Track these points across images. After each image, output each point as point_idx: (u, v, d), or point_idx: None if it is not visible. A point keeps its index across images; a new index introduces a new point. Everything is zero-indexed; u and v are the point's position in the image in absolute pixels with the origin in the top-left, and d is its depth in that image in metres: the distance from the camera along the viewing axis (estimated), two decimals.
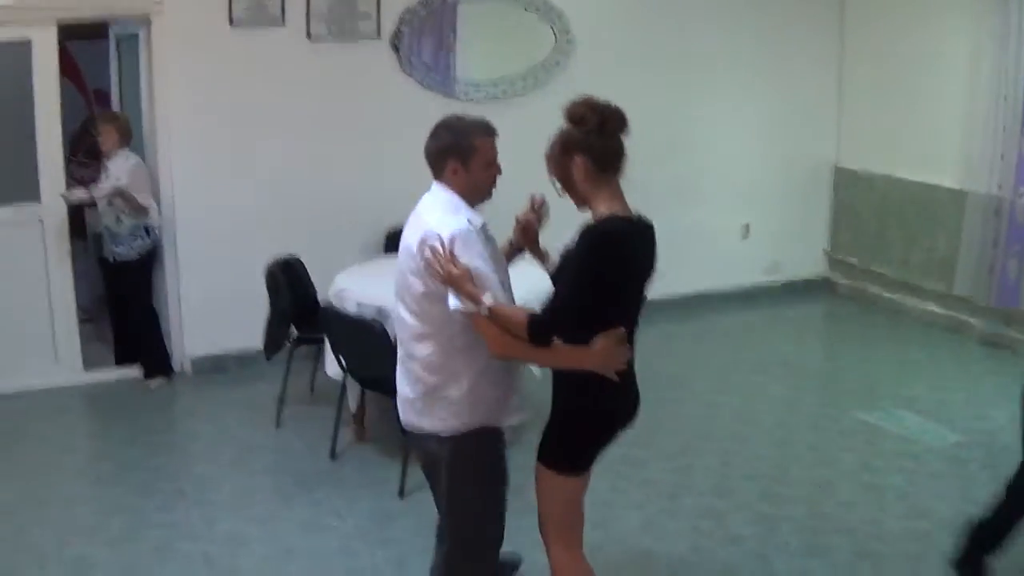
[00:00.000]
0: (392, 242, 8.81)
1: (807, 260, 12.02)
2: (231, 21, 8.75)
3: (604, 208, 4.50)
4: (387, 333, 6.75)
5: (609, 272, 4.40)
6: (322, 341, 7.56)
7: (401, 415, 4.89)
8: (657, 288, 4.92)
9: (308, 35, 9.06)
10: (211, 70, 8.79)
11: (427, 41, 9.55)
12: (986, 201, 9.80)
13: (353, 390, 7.45)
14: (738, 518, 6.71)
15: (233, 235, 8.99)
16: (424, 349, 4.65)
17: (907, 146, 10.91)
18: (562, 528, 4.81)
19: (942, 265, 10.41)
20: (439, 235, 4.47)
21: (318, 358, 8.10)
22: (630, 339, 4.61)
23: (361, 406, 7.61)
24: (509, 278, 4.82)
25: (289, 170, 9.12)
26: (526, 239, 5.03)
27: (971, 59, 10.05)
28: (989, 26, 9.73)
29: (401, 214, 8.87)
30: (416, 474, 6.76)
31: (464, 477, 4.80)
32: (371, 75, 9.36)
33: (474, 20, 9.70)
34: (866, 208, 11.52)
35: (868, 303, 11.45)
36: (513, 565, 5.88)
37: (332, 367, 7.39)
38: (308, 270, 8.32)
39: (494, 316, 4.39)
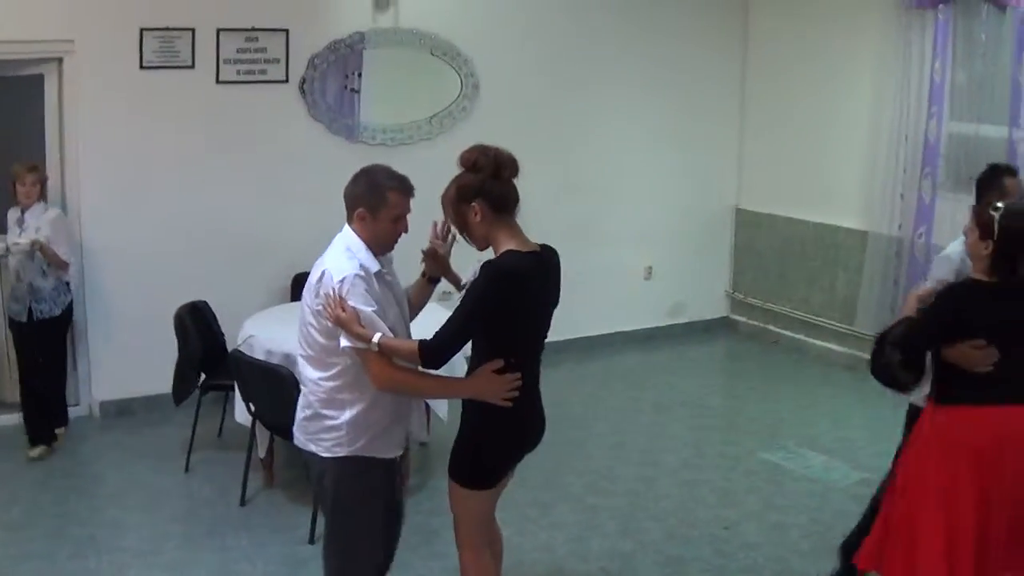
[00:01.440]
0: (297, 288, 8.87)
1: (709, 301, 12.19)
2: (141, 63, 8.75)
3: (504, 246, 4.76)
4: (296, 379, 6.76)
5: (505, 304, 4.65)
6: (231, 387, 7.56)
7: (294, 434, 5.15)
8: (560, 329, 5.09)
9: (217, 78, 9.07)
10: (120, 113, 8.75)
11: (332, 85, 9.59)
12: (886, 241, 10.01)
13: (262, 436, 7.45)
14: (645, 560, 6.78)
15: (141, 278, 8.93)
16: (312, 375, 4.95)
17: (808, 187, 11.12)
18: (470, 535, 5.13)
19: (843, 304, 10.61)
20: (332, 277, 4.73)
21: (226, 403, 8.07)
22: (534, 364, 4.96)
23: (270, 452, 7.60)
24: (407, 320, 5.15)
25: (198, 214, 9.10)
26: (437, 266, 5.27)
27: (872, 101, 10.31)
28: (890, 68, 9.99)
29: (308, 259, 8.94)
30: None
31: (340, 501, 5.05)
32: (279, 119, 9.38)
33: (380, 65, 9.76)
34: (767, 249, 11.72)
35: (769, 342, 11.61)
36: None
37: (241, 413, 7.39)
38: (216, 315, 8.33)
39: (385, 350, 4.67)
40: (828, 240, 10.87)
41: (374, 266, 4.86)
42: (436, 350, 4.67)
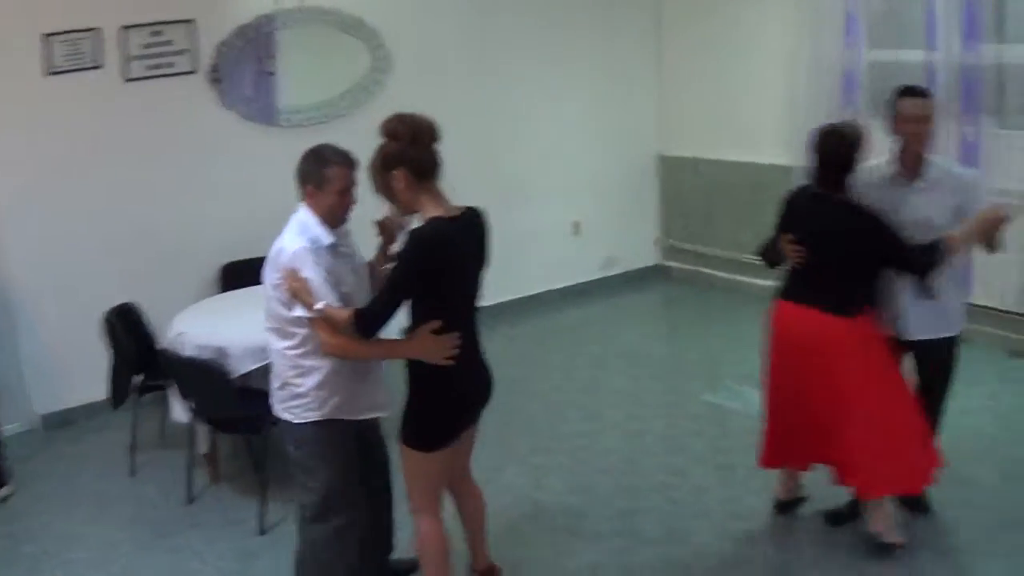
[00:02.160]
0: (227, 278, 8.83)
1: (640, 250, 12.27)
2: (47, 69, 8.59)
3: (428, 212, 4.96)
4: (227, 374, 6.76)
5: (430, 269, 4.87)
6: (167, 386, 7.52)
7: (271, 404, 5.46)
8: (493, 293, 5.28)
9: (125, 76, 8.96)
10: (29, 121, 8.57)
11: (247, 72, 9.49)
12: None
13: (203, 432, 7.41)
14: (597, 515, 6.84)
15: (67, 286, 8.81)
16: (278, 345, 5.31)
17: (729, 128, 11.20)
18: (424, 499, 5.33)
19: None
20: (286, 252, 5.13)
21: (165, 403, 7.98)
22: (469, 325, 5.19)
23: (212, 447, 7.56)
24: (366, 288, 5.43)
25: (117, 216, 8.98)
26: (387, 237, 5.48)
27: (789, 35, 10.36)
28: (805, 1, 10.05)
29: (234, 247, 8.93)
30: (275, 510, 6.81)
31: (314, 465, 5.39)
32: (191, 111, 9.26)
33: (292, 46, 9.65)
34: (694, 193, 11.78)
35: (704, 285, 11.68)
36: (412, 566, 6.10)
37: (178, 411, 7.33)
38: (146, 314, 8.23)
39: (326, 317, 4.97)
40: (753, 178, 10.91)
41: (326, 239, 5.19)
42: (367, 318, 4.90)
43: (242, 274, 8.80)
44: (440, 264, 4.88)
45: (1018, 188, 8.82)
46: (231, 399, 6.72)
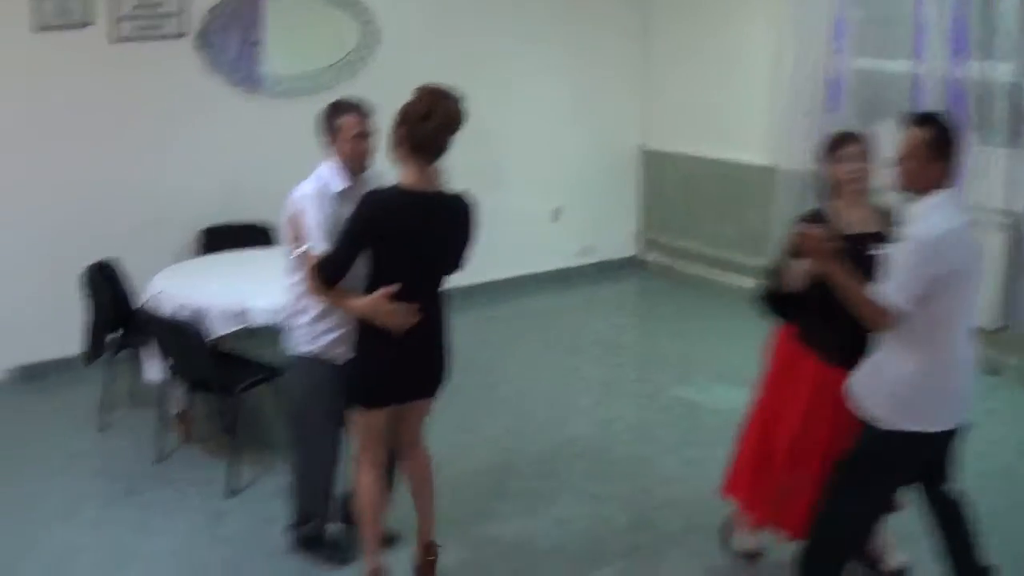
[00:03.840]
0: (206, 242, 8.80)
1: (618, 240, 12.28)
2: (33, 25, 8.55)
3: (401, 179, 5.18)
4: (202, 335, 6.75)
5: (370, 229, 5.15)
6: (142, 345, 7.49)
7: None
8: (467, 273, 5.55)
9: (114, 36, 8.92)
10: (12, 77, 8.54)
11: (233, 37, 9.46)
12: (794, 176, 10.05)
13: (178, 391, 7.41)
14: (565, 499, 6.87)
15: (47, 242, 8.77)
16: (288, 281, 5.76)
17: (712, 125, 11.22)
18: (364, 451, 5.59)
19: (754, 239, 10.64)
20: (296, 195, 5.61)
21: (137, 362, 7.96)
22: (429, 304, 5.32)
23: (187, 407, 7.56)
24: None
25: (99, 174, 8.94)
26: None
27: (775, 38, 10.36)
28: (792, 5, 10.08)
29: (213, 213, 8.90)
30: (245, 473, 6.83)
31: (298, 391, 5.94)
32: (177, 74, 9.21)
33: (280, 15, 9.63)
34: (674, 187, 11.81)
35: (679, 280, 11.70)
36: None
37: (151, 371, 7.28)
38: (125, 273, 8.21)
39: (307, 259, 5.39)
40: (734, 177, 10.94)
41: (337, 186, 5.61)
42: (323, 265, 5.24)
43: (221, 239, 8.82)
44: (381, 227, 5.12)
45: (999, 205, 8.86)
46: (205, 360, 6.73)
